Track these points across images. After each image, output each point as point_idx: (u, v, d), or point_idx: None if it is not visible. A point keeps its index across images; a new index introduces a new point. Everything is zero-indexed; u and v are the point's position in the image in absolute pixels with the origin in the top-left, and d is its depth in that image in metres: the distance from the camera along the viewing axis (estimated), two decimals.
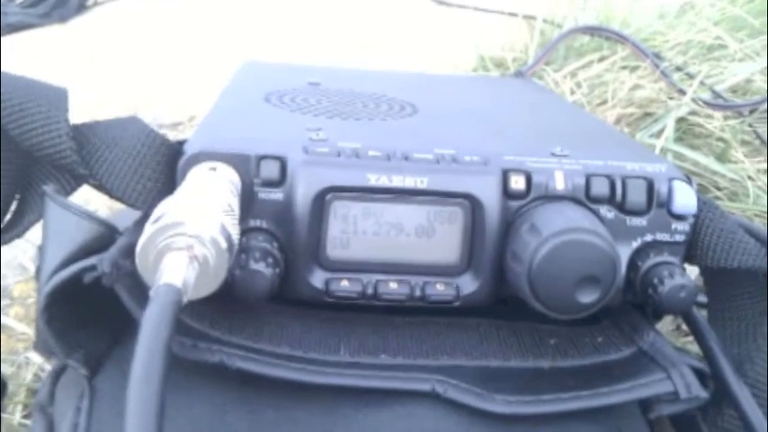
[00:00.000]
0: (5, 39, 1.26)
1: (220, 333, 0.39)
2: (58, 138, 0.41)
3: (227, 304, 0.39)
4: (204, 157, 0.41)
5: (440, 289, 0.43)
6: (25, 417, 0.61)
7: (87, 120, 0.43)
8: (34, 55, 1.14)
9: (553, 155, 0.44)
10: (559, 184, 0.43)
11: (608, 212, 0.43)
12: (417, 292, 0.43)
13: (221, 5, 1.21)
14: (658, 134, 0.87)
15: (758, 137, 0.91)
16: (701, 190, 0.86)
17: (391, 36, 1.06)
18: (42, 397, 0.43)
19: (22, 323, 0.66)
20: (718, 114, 0.90)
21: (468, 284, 0.43)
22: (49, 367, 0.61)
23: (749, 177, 0.86)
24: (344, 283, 0.42)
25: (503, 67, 1.01)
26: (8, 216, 0.45)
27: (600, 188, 0.43)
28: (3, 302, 0.67)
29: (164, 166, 0.42)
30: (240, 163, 0.41)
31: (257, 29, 1.11)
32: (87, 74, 1.03)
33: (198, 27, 1.16)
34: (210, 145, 0.41)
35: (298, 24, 1.10)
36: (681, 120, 0.89)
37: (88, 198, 0.57)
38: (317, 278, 0.42)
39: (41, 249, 0.41)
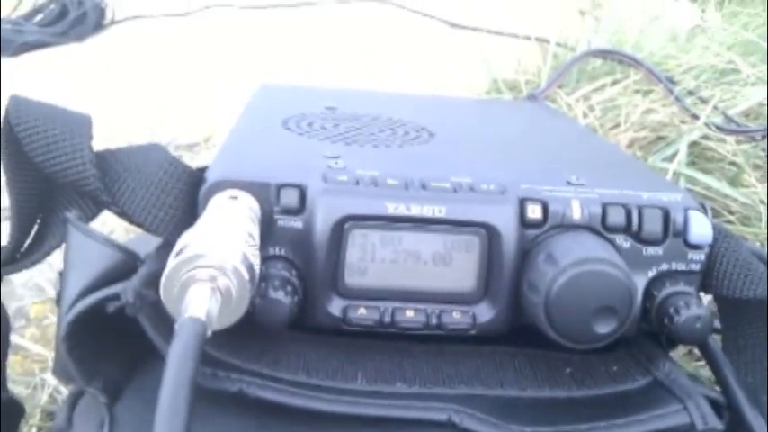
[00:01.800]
0: (23, 57, 1.27)
1: (239, 361, 0.40)
2: (81, 165, 0.41)
3: (246, 332, 0.39)
4: (225, 185, 0.41)
5: (456, 317, 0.43)
6: None
7: (106, 146, 0.44)
8: (52, 74, 1.15)
9: (569, 183, 0.45)
10: (576, 214, 0.43)
11: (624, 242, 0.43)
12: (434, 320, 0.43)
13: (238, 26, 1.22)
14: (671, 158, 0.87)
15: None
16: (714, 214, 0.86)
17: (406, 58, 1.07)
18: (60, 421, 0.44)
19: (38, 344, 0.67)
20: (730, 139, 0.90)
21: (485, 313, 0.43)
22: (64, 390, 0.61)
23: (761, 201, 0.86)
24: (362, 311, 0.43)
25: (516, 90, 1.01)
26: (29, 240, 0.46)
27: (616, 218, 0.43)
28: (18, 323, 0.68)
29: (185, 194, 0.42)
30: (260, 191, 0.41)
31: (273, 51, 1.12)
32: (103, 93, 1.03)
33: (214, 46, 1.17)
34: (231, 173, 0.42)
35: (313, 48, 1.11)
36: (693, 144, 0.89)
37: (105, 219, 0.58)
38: (335, 306, 0.42)
39: (63, 276, 0.41)
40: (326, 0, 1.20)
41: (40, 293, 0.70)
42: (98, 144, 0.43)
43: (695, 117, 0.91)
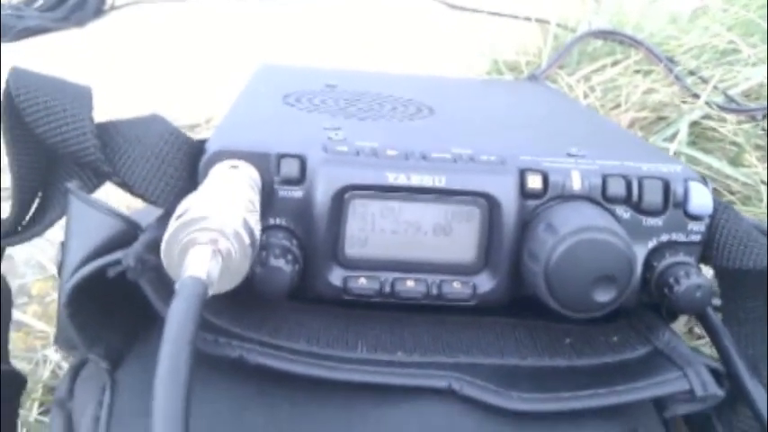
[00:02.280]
0: (23, 42, 1.27)
1: (240, 329, 0.40)
2: (82, 135, 0.41)
3: (247, 301, 0.40)
4: (225, 155, 0.41)
5: (456, 287, 0.43)
6: (42, 414, 0.61)
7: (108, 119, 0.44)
8: (53, 58, 1.15)
9: (569, 155, 0.45)
10: (576, 184, 0.43)
11: (624, 212, 0.43)
12: (434, 291, 0.43)
13: (237, 10, 1.22)
14: (672, 138, 0.87)
15: None
16: (714, 194, 0.86)
17: (406, 40, 1.07)
18: (62, 393, 0.44)
19: (41, 321, 0.67)
20: (731, 118, 0.90)
21: (485, 283, 0.43)
22: (66, 365, 0.61)
23: (762, 181, 0.86)
24: (362, 281, 0.43)
25: (516, 70, 1.01)
26: (30, 212, 0.46)
27: (616, 188, 0.43)
28: (21, 300, 0.68)
29: (186, 164, 0.42)
30: (261, 161, 0.41)
31: (273, 33, 1.12)
32: (104, 76, 1.03)
33: (213, 30, 1.17)
34: (231, 143, 0.42)
35: (313, 29, 1.11)
36: (694, 124, 0.89)
37: (107, 196, 0.58)
38: (336, 276, 0.43)
39: (64, 245, 0.41)
40: None
41: (41, 271, 0.70)
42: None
43: (696, 97, 0.91)
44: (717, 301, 0.49)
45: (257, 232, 0.36)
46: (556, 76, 0.95)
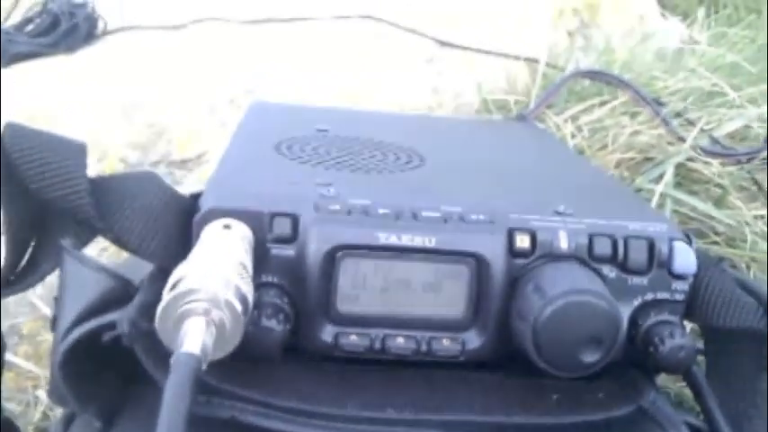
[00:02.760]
0: (13, 68, 1.27)
1: (232, 387, 0.40)
2: (76, 194, 0.42)
3: (239, 358, 0.40)
4: (218, 213, 0.42)
5: (446, 344, 0.44)
6: None
7: (96, 164, 0.45)
8: (43, 85, 1.15)
9: (557, 213, 0.46)
10: (563, 244, 0.44)
11: (610, 272, 0.44)
12: (424, 347, 0.44)
13: (230, 40, 1.23)
14: (658, 179, 0.88)
15: (756, 183, 0.93)
16: (699, 235, 0.87)
17: (395, 76, 1.07)
18: None
19: (31, 361, 0.67)
20: (716, 161, 0.91)
21: (474, 340, 0.44)
22: (57, 407, 0.61)
23: (746, 223, 0.87)
24: (353, 338, 0.43)
25: (505, 109, 1.02)
26: (23, 263, 0.46)
27: (602, 248, 0.44)
28: (12, 341, 0.68)
29: (179, 222, 0.43)
30: (253, 220, 0.42)
31: (265, 66, 1.12)
32: (95, 106, 1.03)
33: (206, 60, 1.17)
34: (224, 201, 0.42)
35: (305, 62, 1.12)
36: (680, 165, 0.91)
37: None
38: (327, 332, 0.43)
39: (58, 302, 0.42)
40: (320, 16, 1.21)
41: (32, 311, 0.71)
42: (90, 160, 0.44)
43: (682, 139, 0.92)
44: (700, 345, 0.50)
45: (250, 297, 0.36)
46: (544, 115, 0.96)
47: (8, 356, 0.66)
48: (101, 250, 0.73)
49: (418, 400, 0.43)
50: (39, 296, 0.70)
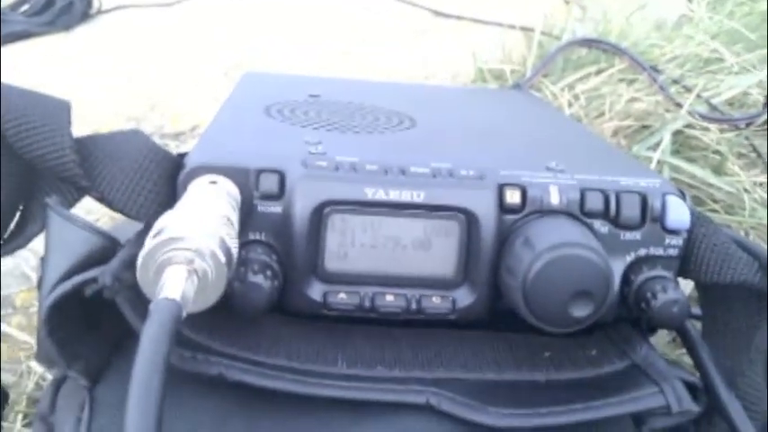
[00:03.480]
0: (9, 47, 1.27)
1: (219, 345, 0.40)
2: (61, 151, 0.41)
3: (226, 316, 0.40)
4: (204, 170, 0.41)
5: (436, 302, 0.44)
6: (26, 425, 0.61)
7: (89, 132, 0.44)
8: (39, 63, 1.15)
9: (548, 169, 0.45)
10: (554, 199, 0.43)
11: (602, 227, 0.44)
12: (414, 305, 0.43)
13: (224, 15, 1.22)
14: (655, 147, 0.87)
15: (754, 150, 0.92)
16: (698, 203, 0.86)
17: (390, 47, 1.07)
18: (44, 406, 0.44)
19: (24, 332, 0.67)
20: (714, 127, 0.90)
21: (464, 298, 0.44)
22: (50, 377, 0.61)
23: (745, 190, 0.87)
24: (342, 296, 0.43)
25: (501, 79, 1.01)
26: (11, 226, 0.46)
27: (594, 203, 0.44)
28: (5, 311, 0.68)
29: (165, 179, 0.42)
30: (239, 176, 0.41)
31: (259, 40, 1.12)
32: (90, 83, 1.03)
33: (200, 36, 1.17)
34: (210, 158, 0.42)
35: (298, 36, 1.11)
36: (677, 132, 0.90)
37: (90, 208, 0.58)
38: (315, 291, 0.43)
39: (44, 260, 0.41)
40: None
41: (26, 281, 0.70)
42: (84, 132, 0.43)
43: (679, 106, 0.92)
44: (697, 311, 0.50)
45: (234, 251, 0.36)
46: (540, 84, 0.95)
47: (1, 327, 0.66)
48: (94, 221, 0.72)
49: (408, 358, 0.43)
50: (32, 267, 0.70)
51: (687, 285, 0.51)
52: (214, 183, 0.40)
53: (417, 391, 0.40)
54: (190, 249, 0.33)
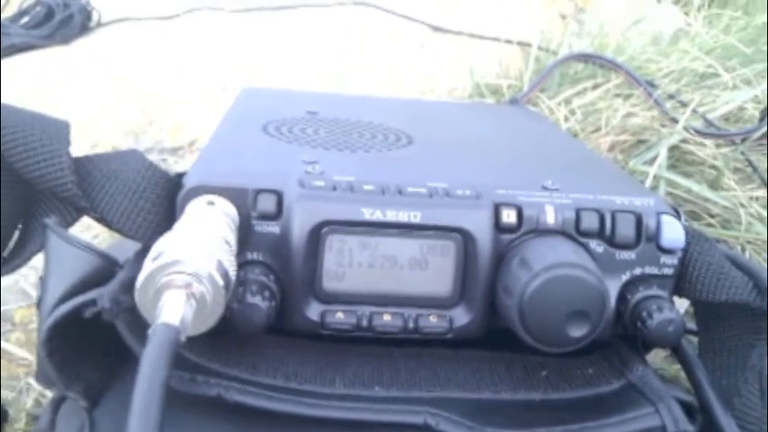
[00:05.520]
0: (9, 59, 1.27)
1: (218, 365, 0.40)
2: (60, 171, 0.42)
3: (224, 336, 0.40)
4: (202, 190, 0.42)
5: (433, 321, 0.44)
6: None
7: (92, 148, 0.44)
8: (38, 76, 1.15)
9: (544, 188, 0.45)
10: (550, 218, 0.44)
11: (597, 246, 0.44)
12: (411, 324, 0.44)
13: (223, 30, 1.23)
14: (651, 161, 0.88)
15: (750, 164, 0.92)
16: (694, 217, 0.87)
17: (388, 62, 1.07)
18: (43, 425, 0.44)
19: (23, 349, 0.67)
20: (710, 142, 0.91)
21: (461, 317, 0.44)
22: (50, 394, 0.61)
23: (741, 205, 0.87)
24: (339, 316, 0.43)
25: (498, 94, 1.02)
26: (11, 245, 0.46)
27: (589, 222, 0.44)
28: (4, 328, 0.68)
29: (163, 200, 0.43)
30: (237, 196, 0.42)
31: (257, 55, 1.12)
32: (89, 96, 1.03)
33: (199, 50, 1.17)
34: (208, 178, 0.42)
35: (297, 51, 1.12)
36: (674, 147, 0.90)
37: (89, 224, 0.58)
38: (313, 310, 0.43)
39: (43, 281, 0.42)
40: (313, 3, 1.20)
41: (25, 298, 0.70)
42: (83, 147, 0.43)
43: (675, 121, 0.92)
44: (693, 326, 0.50)
45: (232, 273, 0.36)
46: (537, 99, 0.96)
47: (1, 343, 0.66)
48: (92, 237, 0.73)
49: (406, 378, 0.43)
50: (31, 284, 0.70)
51: (684, 300, 0.51)
52: (212, 203, 0.41)
53: (415, 412, 0.40)
54: (188, 273, 0.33)
